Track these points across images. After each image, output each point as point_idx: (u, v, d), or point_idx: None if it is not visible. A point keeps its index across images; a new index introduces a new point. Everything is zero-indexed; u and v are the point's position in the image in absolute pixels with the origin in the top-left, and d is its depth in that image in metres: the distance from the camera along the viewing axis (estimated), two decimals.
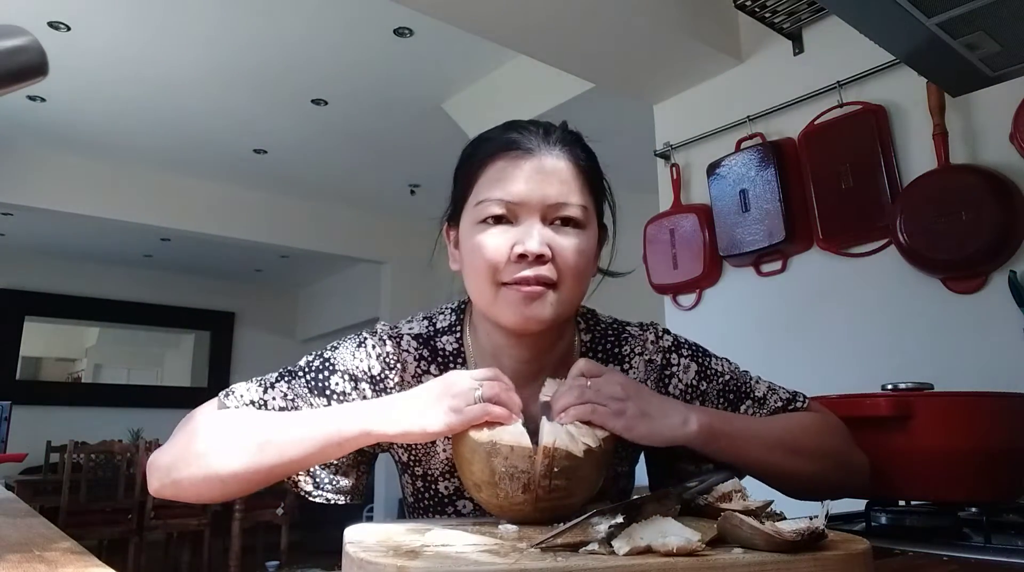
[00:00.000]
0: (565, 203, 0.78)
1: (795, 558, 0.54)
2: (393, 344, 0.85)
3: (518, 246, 0.76)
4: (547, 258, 0.76)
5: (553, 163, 0.79)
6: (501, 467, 0.68)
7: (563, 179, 0.79)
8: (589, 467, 0.70)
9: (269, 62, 3.47)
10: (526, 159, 0.78)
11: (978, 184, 1.69)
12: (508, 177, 0.78)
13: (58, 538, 0.74)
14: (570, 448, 0.68)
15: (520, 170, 0.77)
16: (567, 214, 0.78)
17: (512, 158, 0.78)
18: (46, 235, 5.92)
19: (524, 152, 0.78)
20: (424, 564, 0.51)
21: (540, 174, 0.78)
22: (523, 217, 0.77)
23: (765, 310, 2.21)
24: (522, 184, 0.77)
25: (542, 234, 0.77)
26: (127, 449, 4.96)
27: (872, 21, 1.03)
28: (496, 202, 0.77)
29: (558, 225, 0.78)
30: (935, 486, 0.99)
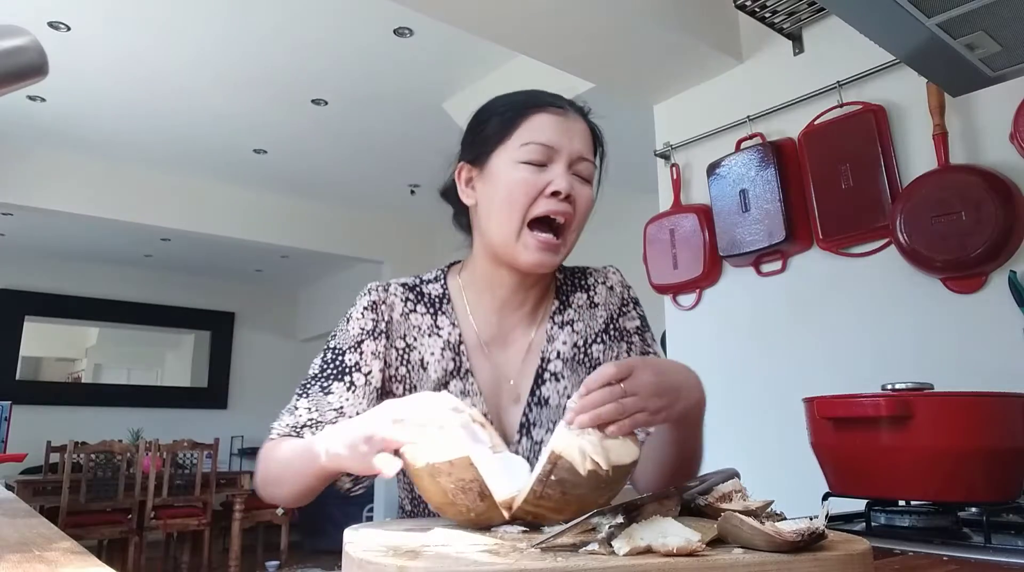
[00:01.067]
0: (585, 158, 0.94)
1: (795, 558, 0.54)
2: (380, 292, 0.98)
3: (552, 185, 0.90)
4: (572, 199, 0.91)
5: (580, 124, 0.95)
6: (449, 484, 0.67)
7: (585, 138, 0.95)
8: (588, 488, 0.67)
9: (269, 62, 3.47)
10: (563, 116, 0.94)
11: (978, 184, 1.69)
12: (550, 127, 0.92)
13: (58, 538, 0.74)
14: (575, 463, 0.66)
15: (558, 123, 0.93)
16: (584, 169, 0.94)
17: (552, 112, 0.93)
18: (46, 235, 5.92)
19: (561, 110, 0.94)
20: (424, 564, 0.51)
21: (572, 130, 0.93)
22: (554, 163, 0.91)
23: (765, 310, 2.21)
24: (561, 135, 0.92)
25: (568, 179, 0.91)
26: (127, 449, 4.96)
27: (872, 21, 1.03)
28: (541, 146, 0.91)
29: (578, 178, 0.93)
30: (935, 486, 0.99)
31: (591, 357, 1.00)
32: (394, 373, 0.96)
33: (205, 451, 5.31)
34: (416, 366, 0.96)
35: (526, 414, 0.96)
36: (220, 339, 7.54)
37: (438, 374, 0.95)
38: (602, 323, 1.02)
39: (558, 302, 1.02)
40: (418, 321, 0.97)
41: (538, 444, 0.95)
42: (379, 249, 5.88)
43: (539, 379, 0.97)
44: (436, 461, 0.67)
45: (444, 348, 0.96)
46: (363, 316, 0.96)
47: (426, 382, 0.95)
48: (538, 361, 0.98)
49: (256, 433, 7.26)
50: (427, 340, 0.96)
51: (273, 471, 0.90)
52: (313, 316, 7.70)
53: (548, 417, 0.96)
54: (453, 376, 0.95)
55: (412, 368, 0.96)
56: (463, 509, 0.68)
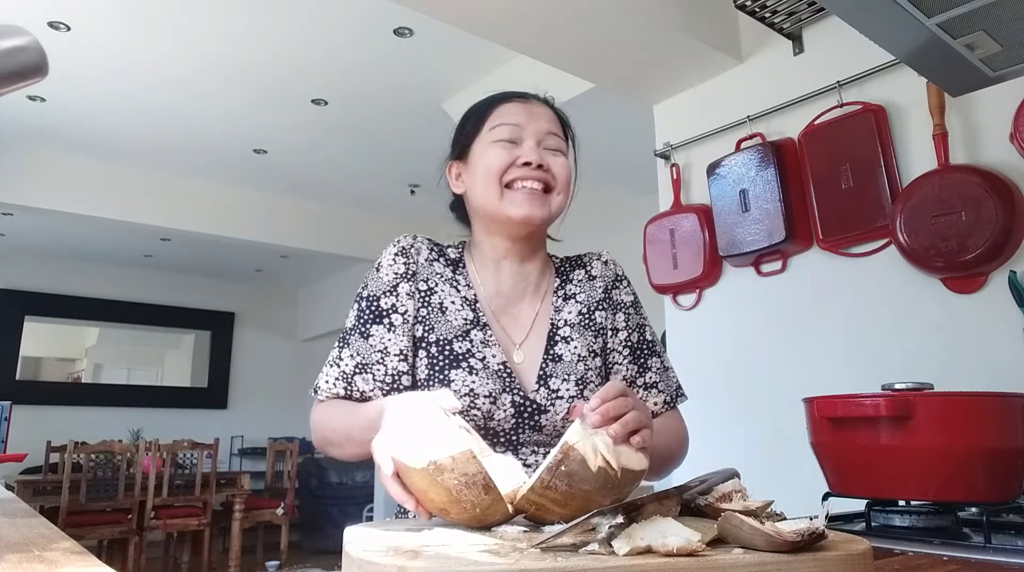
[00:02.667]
0: (553, 133, 1.05)
1: (795, 558, 0.54)
2: (408, 239, 1.08)
3: (522, 157, 1.01)
4: (545, 167, 1.02)
5: (542, 108, 1.08)
6: (452, 481, 0.66)
7: (550, 119, 1.07)
8: (594, 486, 0.66)
9: (269, 62, 3.47)
10: (525, 102, 1.07)
11: (978, 184, 1.69)
12: (514, 111, 1.05)
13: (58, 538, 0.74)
14: (587, 456, 0.66)
15: (521, 108, 1.05)
16: (553, 144, 1.04)
17: (515, 100, 1.07)
18: (46, 235, 5.92)
19: (523, 98, 1.08)
20: (424, 564, 0.51)
21: (536, 112, 1.06)
22: (525, 139, 1.03)
23: (765, 310, 2.21)
24: (524, 116, 1.04)
25: (540, 153, 1.02)
26: (127, 449, 4.96)
27: (872, 21, 1.03)
28: (506, 126, 1.03)
29: (549, 151, 1.04)
30: (935, 486, 0.99)
31: (595, 322, 1.08)
32: (415, 313, 1.02)
33: (205, 451, 5.31)
34: (436, 309, 1.03)
35: (543, 368, 1.02)
36: (220, 339, 7.54)
37: (459, 322, 1.02)
38: (601, 293, 1.11)
39: (559, 280, 1.11)
40: (440, 270, 1.06)
41: (555, 392, 1.01)
42: (379, 249, 5.77)
43: (551, 340, 1.05)
44: (439, 458, 0.66)
45: (463, 302, 1.04)
46: (395, 261, 1.05)
47: (444, 326, 1.02)
48: (548, 326, 1.06)
49: (256, 433, 7.26)
50: (447, 288, 1.05)
51: (334, 437, 0.98)
52: (313, 316, 7.70)
53: (563, 370, 1.03)
54: (474, 326, 1.02)
55: (432, 310, 1.03)
56: (468, 506, 0.67)
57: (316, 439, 1.02)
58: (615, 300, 1.11)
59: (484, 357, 1.00)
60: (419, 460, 0.68)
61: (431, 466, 0.67)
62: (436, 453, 0.67)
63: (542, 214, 1.01)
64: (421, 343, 1.02)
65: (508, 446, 0.99)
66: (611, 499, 0.69)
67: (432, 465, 0.67)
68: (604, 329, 1.08)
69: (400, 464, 0.70)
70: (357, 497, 6.28)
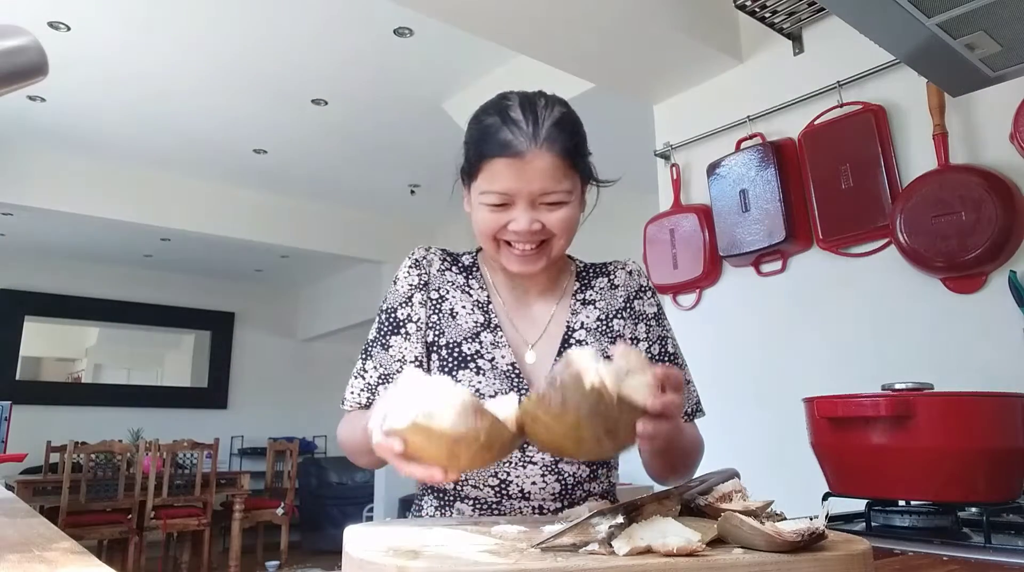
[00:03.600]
0: (551, 192, 0.95)
1: (795, 558, 0.54)
2: (421, 251, 1.09)
3: (512, 225, 0.96)
4: (538, 230, 0.96)
5: (540, 163, 0.94)
6: (445, 419, 0.64)
7: (549, 174, 0.95)
8: (587, 406, 0.64)
9: (269, 62, 3.47)
10: (519, 159, 0.94)
11: (978, 184, 1.69)
12: (503, 175, 0.95)
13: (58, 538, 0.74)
14: (583, 372, 0.64)
15: (513, 169, 0.94)
16: (553, 200, 0.96)
17: (508, 158, 0.94)
18: (46, 235, 5.92)
19: (517, 155, 0.94)
20: (424, 564, 0.51)
21: (530, 173, 0.94)
22: (517, 203, 0.95)
23: (765, 310, 2.21)
24: (515, 181, 0.94)
25: (531, 216, 0.95)
26: (127, 449, 4.96)
27: (872, 21, 1.03)
28: (494, 194, 0.95)
29: (546, 206, 0.96)
30: (935, 486, 0.99)
31: (612, 330, 1.06)
32: (427, 320, 1.04)
33: (205, 451, 5.31)
34: (446, 314, 1.04)
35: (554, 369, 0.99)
36: (220, 339, 7.53)
37: (469, 325, 1.03)
38: (622, 302, 1.08)
39: (579, 284, 1.09)
40: (452, 278, 1.07)
41: None
42: (379, 249, 5.88)
43: (566, 342, 1.04)
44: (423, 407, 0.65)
45: (474, 306, 1.05)
46: (409, 273, 1.07)
47: (454, 329, 1.03)
48: (564, 329, 1.05)
49: (256, 433, 7.26)
50: (459, 294, 1.06)
51: (354, 447, 0.98)
52: (313, 316, 7.70)
53: None
54: (484, 328, 1.03)
55: (442, 316, 1.04)
56: (471, 440, 0.65)
57: (345, 451, 1.03)
58: (637, 310, 1.09)
59: (493, 358, 1.01)
60: (406, 417, 0.66)
61: (419, 416, 0.65)
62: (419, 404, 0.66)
63: (538, 268, 1.00)
64: (432, 348, 1.04)
65: None
66: (603, 429, 0.66)
67: (420, 415, 0.65)
68: (622, 337, 1.07)
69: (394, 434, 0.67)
70: (357, 497, 6.28)
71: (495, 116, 0.98)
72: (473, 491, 0.99)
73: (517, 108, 0.97)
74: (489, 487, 0.98)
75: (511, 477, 0.97)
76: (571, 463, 0.99)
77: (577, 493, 1.00)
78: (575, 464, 0.99)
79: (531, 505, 0.98)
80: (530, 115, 0.96)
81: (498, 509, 0.98)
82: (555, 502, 0.98)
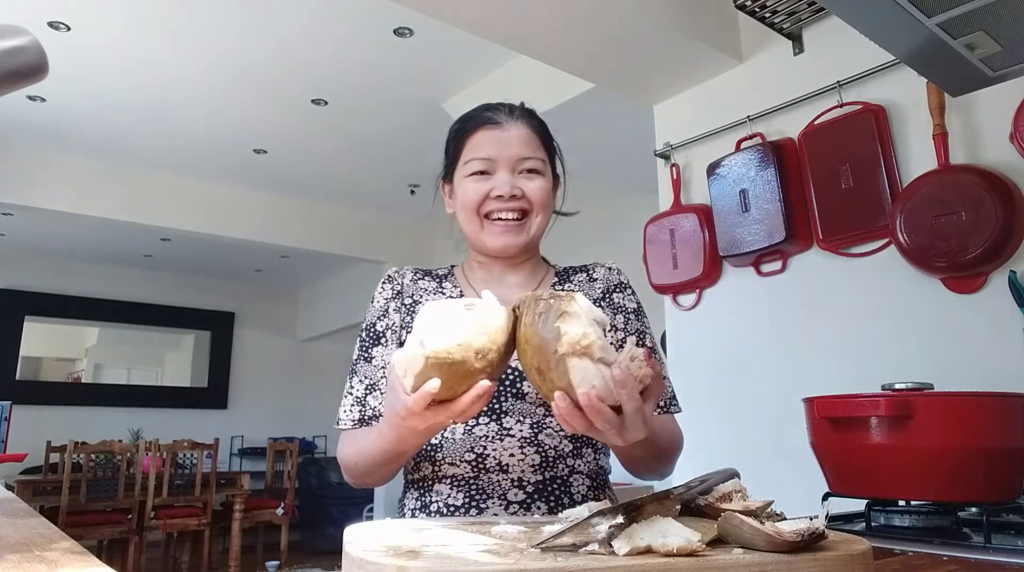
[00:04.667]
0: (527, 157, 1.07)
1: (795, 558, 0.54)
2: (393, 271, 1.16)
3: (495, 190, 1.05)
4: (519, 196, 1.05)
5: (517, 131, 1.08)
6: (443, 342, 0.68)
7: (525, 141, 1.08)
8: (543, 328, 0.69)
9: (269, 62, 3.47)
10: (497, 129, 1.07)
11: (978, 184, 1.69)
12: (486, 143, 1.07)
13: (58, 538, 0.74)
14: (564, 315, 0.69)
15: (494, 137, 1.07)
16: (529, 166, 1.07)
17: (488, 129, 1.08)
18: (46, 235, 5.92)
19: (496, 125, 1.08)
20: (424, 564, 0.51)
21: (508, 138, 1.07)
22: (498, 170, 1.06)
23: (765, 310, 2.21)
24: (496, 146, 1.06)
25: (512, 181, 1.05)
26: (127, 449, 4.96)
27: (872, 21, 1.03)
28: (479, 160, 1.06)
29: (525, 174, 1.07)
30: (935, 486, 0.99)
31: None
32: (401, 323, 1.10)
33: (205, 451, 5.31)
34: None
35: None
36: (220, 339, 7.53)
37: None
38: (600, 293, 1.12)
39: (557, 279, 1.15)
40: (425, 285, 1.14)
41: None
42: (379, 249, 5.88)
43: None
44: (419, 339, 0.68)
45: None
46: (383, 289, 1.13)
47: None
48: None
49: (256, 433, 7.26)
50: (432, 297, 1.12)
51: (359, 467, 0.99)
52: (313, 316, 7.70)
53: None
54: None
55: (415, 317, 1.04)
56: (477, 346, 0.68)
57: (347, 476, 1.03)
58: (616, 303, 1.12)
59: None
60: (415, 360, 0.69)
61: (419, 350, 0.68)
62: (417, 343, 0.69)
63: (518, 242, 1.06)
64: None
65: (491, 416, 0.99)
66: (537, 367, 0.70)
67: (419, 346, 0.68)
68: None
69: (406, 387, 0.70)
70: (357, 497, 6.28)
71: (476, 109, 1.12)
72: (450, 468, 0.99)
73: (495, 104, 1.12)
74: (466, 462, 0.98)
75: (488, 451, 0.97)
76: (551, 436, 0.99)
77: (559, 467, 0.99)
78: (555, 437, 0.99)
79: (509, 478, 0.98)
80: (506, 104, 1.12)
81: (475, 485, 0.98)
82: (535, 474, 0.98)
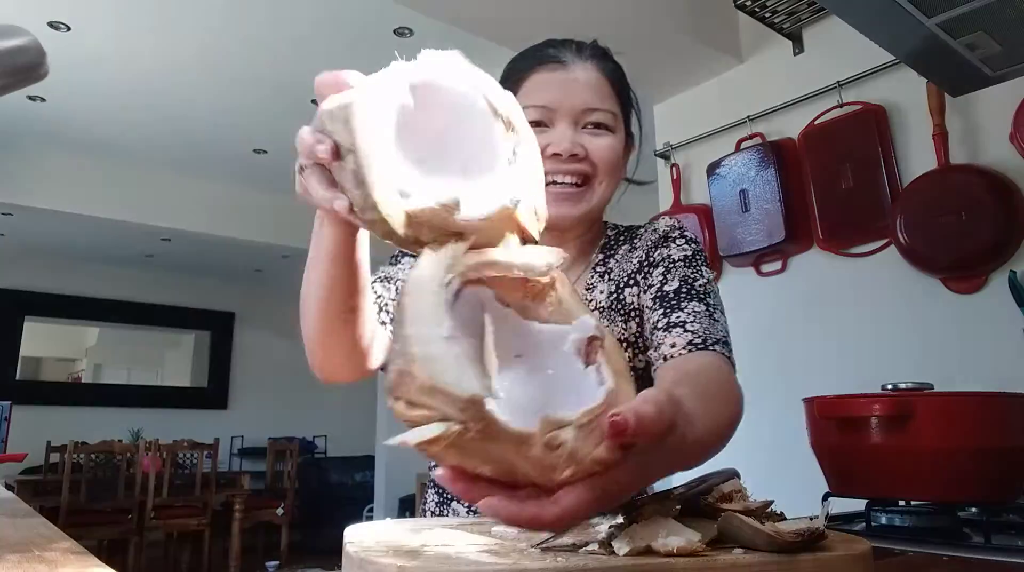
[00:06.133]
0: (595, 108, 0.87)
1: (795, 559, 0.54)
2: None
3: (551, 147, 0.84)
4: (580, 156, 0.86)
5: (584, 74, 0.87)
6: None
7: (593, 87, 0.87)
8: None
9: (269, 62, 3.47)
10: (560, 70, 0.87)
11: (978, 184, 1.69)
12: (544, 87, 0.87)
13: (58, 538, 0.74)
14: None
15: (555, 80, 0.86)
16: (596, 119, 0.87)
17: (548, 70, 0.87)
18: (46, 235, 5.92)
19: (558, 64, 0.87)
20: (424, 564, 0.51)
21: (573, 83, 0.86)
22: (557, 122, 0.86)
23: (765, 310, 2.21)
24: (557, 92, 0.85)
25: (573, 137, 0.85)
26: (127, 449, 4.96)
27: (872, 21, 1.03)
28: (534, 108, 0.85)
29: (590, 128, 0.87)
30: (935, 486, 0.99)
31: (624, 302, 0.91)
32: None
33: (205, 451, 5.31)
34: None
35: None
36: (220, 339, 7.53)
37: None
38: (636, 264, 0.92)
39: (602, 255, 0.96)
40: None
41: None
42: (378, 249, 5.87)
43: None
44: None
45: None
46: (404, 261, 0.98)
47: None
48: None
49: (256, 433, 7.26)
50: None
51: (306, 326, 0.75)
52: None
53: None
54: None
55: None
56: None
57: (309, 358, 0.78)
58: (654, 260, 0.90)
59: None
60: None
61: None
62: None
63: (576, 213, 0.88)
64: None
65: None
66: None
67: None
68: (635, 309, 0.90)
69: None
70: (357, 497, 6.28)
71: (535, 46, 0.92)
72: None
73: (560, 39, 0.92)
74: None
75: None
76: None
77: None
78: None
79: None
80: (574, 41, 0.91)
81: None
82: None
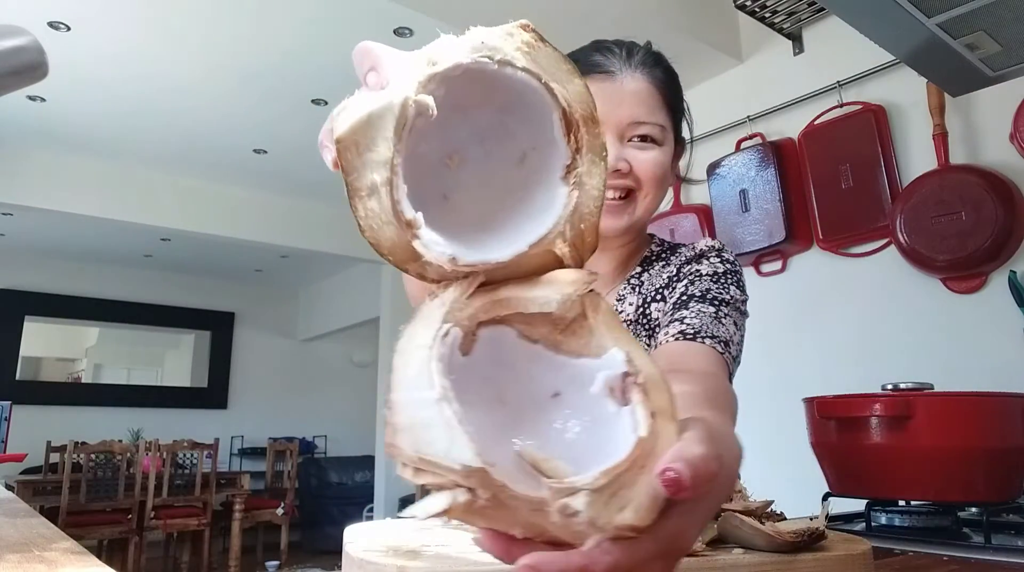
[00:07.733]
0: (642, 122, 0.84)
1: (795, 558, 0.54)
2: None
3: None
4: (624, 171, 0.83)
5: (633, 84, 0.84)
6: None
7: (641, 99, 0.84)
8: None
9: (269, 62, 3.47)
10: (607, 81, 0.84)
11: (978, 184, 1.69)
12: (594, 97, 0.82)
13: (58, 538, 0.74)
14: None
15: (601, 92, 0.81)
16: (643, 132, 0.84)
17: (594, 80, 0.83)
18: (46, 235, 5.92)
19: (606, 75, 0.84)
20: (424, 564, 0.51)
21: (619, 95, 0.83)
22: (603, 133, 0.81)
23: (765, 310, 2.21)
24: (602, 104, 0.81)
25: (618, 151, 0.83)
26: (127, 449, 4.95)
27: (872, 21, 1.03)
28: None
29: (636, 141, 0.85)
30: (935, 486, 0.99)
31: (649, 317, 0.89)
32: None
33: (205, 451, 5.31)
34: None
35: None
36: (220, 339, 7.53)
37: None
38: (665, 278, 0.90)
39: (640, 269, 0.94)
40: None
41: None
42: None
43: None
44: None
45: None
46: None
47: None
48: None
49: (256, 433, 7.26)
50: None
51: None
52: (313, 316, 7.70)
53: None
54: None
55: None
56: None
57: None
58: (682, 275, 0.88)
59: None
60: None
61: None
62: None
63: (618, 226, 0.85)
64: None
65: None
66: None
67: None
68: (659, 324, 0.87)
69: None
70: (357, 497, 6.28)
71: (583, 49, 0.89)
72: None
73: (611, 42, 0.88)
74: None
75: None
76: None
77: None
78: None
79: None
80: (624, 45, 0.87)
81: None
82: None
